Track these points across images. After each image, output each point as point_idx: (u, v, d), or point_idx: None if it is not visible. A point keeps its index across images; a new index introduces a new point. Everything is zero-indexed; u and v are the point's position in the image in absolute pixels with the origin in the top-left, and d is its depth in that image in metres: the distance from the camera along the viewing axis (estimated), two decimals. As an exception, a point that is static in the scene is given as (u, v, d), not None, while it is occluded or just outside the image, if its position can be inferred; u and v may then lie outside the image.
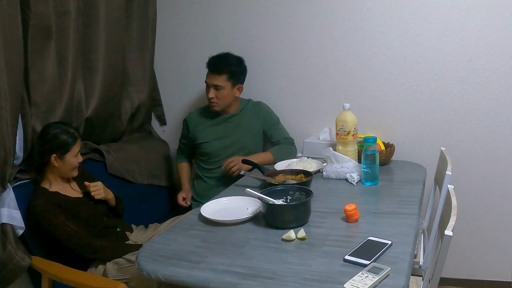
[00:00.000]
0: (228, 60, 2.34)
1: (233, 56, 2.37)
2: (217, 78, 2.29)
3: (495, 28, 2.15)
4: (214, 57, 2.36)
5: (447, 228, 1.33)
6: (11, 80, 1.71)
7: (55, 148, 1.86)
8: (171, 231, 1.62)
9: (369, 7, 2.33)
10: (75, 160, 1.93)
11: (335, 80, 2.46)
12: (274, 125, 2.47)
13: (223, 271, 1.28)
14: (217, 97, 2.31)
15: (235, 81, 2.34)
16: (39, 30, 1.88)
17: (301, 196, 1.65)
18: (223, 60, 2.33)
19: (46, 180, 1.92)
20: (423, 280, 1.74)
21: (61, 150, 1.87)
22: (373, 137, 1.94)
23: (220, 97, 2.31)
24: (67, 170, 1.93)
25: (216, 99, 2.32)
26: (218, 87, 2.29)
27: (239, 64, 2.38)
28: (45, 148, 1.87)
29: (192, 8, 2.66)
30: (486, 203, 2.33)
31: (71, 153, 1.90)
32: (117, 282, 1.70)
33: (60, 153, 1.87)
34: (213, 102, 2.33)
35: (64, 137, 1.88)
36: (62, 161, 1.89)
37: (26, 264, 1.79)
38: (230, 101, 2.37)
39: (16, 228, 1.79)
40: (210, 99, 2.33)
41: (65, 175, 1.95)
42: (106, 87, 2.27)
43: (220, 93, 2.31)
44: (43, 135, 1.89)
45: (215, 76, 2.30)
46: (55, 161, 1.87)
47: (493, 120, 2.24)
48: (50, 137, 1.87)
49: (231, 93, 2.34)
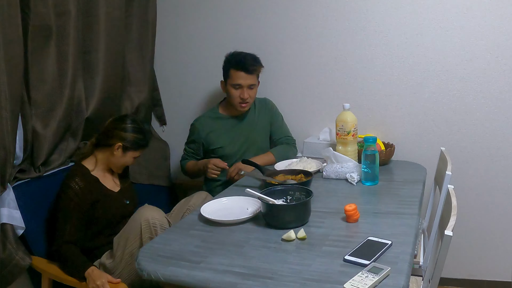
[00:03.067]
0: (256, 59, 2.35)
1: (254, 55, 2.36)
2: (252, 77, 2.29)
3: (495, 28, 2.15)
4: (244, 57, 2.30)
5: (447, 228, 1.33)
6: (11, 80, 1.71)
7: (124, 140, 1.90)
8: (171, 231, 1.62)
9: (369, 7, 2.33)
10: (132, 161, 1.98)
11: (335, 80, 2.46)
12: (278, 122, 2.49)
13: (223, 271, 1.28)
14: (250, 96, 2.31)
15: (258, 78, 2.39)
16: (39, 30, 1.88)
17: (301, 196, 1.65)
18: (253, 60, 2.32)
19: (92, 160, 1.95)
20: (423, 280, 1.74)
21: (127, 145, 1.91)
22: (373, 137, 1.94)
23: (252, 95, 2.34)
24: (118, 164, 1.97)
25: (250, 99, 2.32)
26: (252, 86, 2.30)
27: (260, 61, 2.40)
28: (117, 133, 1.90)
29: (192, 8, 2.67)
30: (486, 203, 2.33)
31: (134, 153, 1.95)
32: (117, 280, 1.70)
33: (125, 147, 1.91)
34: (247, 102, 2.32)
35: (138, 136, 1.93)
36: (122, 154, 1.93)
37: (26, 264, 1.79)
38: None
39: (16, 228, 1.79)
40: (244, 99, 2.29)
41: (112, 167, 1.98)
42: (106, 87, 2.27)
43: (253, 92, 2.33)
44: (121, 120, 1.94)
45: (250, 76, 2.28)
46: (116, 150, 1.90)
47: (493, 120, 2.24)
48: (126, 127, 1.92)
49: (257, 90, 2.39)
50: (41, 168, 1.96)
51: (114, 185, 2.01)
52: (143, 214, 1.79)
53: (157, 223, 1.78)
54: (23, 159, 1.91)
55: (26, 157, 1.93)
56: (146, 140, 1.98)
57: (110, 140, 1.91)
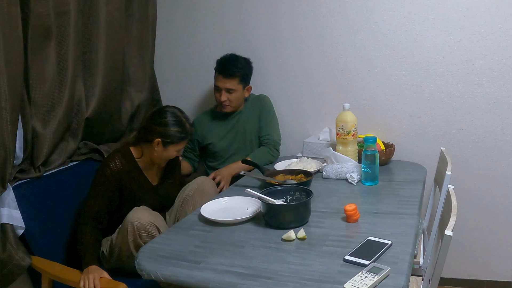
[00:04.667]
0: (239, 63, 2.36)
1: (241, 58, 2.39)
2: (230, 81, 2.32)
3: (495, 28, 2.15)
4: (225, 61, 2.36)
5: (447, 228, 1.33)
6: (11, 80, 1.70)
7: (163, 135, 1.88)
8: (171, 231, 1.63)
9: (369, 7, 2.33)
10: (175, 154, 1.95)
11: (335, 80, 2.46)
12: (266, 118, 2.46)
13: (223, 271, 1.28)
14: (229, 99, 2.35)
15: (245, 83, 2.40)
16: (39, 30, 1.88)
17: (301, 196, 1.65)
18: (234, 63, 2.35)
19: (138, 149, 1.96)
20: (423, 280, 1.74)
21: (167, 140, 1.89)
22: (373, 137, 1.94)
23: (232, 99, 2.35)
24: (161, 158, 1.95)
25: (229, 102, 2.35)
26: (230, 90, 2.33)
27: (249, 66, 2.42)
28: (155, 128, 1.89)
29: (192, 8, 2.67)
30: (486, 203, 2.33)
31: (175, 147, 1.92)
32: (117, 282, 1.70)
33: (165, 142, 1.89)
34: (226, 105, 2.36)
35: (177, 129, 1.90)
36: (163, 149, 1.91)
37: (26, 264, 1.79)
38: (240, 102, 2.43)
39: (16, 228, 1.79)
40: (222, 102, 2.35)
41: (156, 160, 1.96)
42: (106, 87, 2.27)
43: (233, 96, 2.35)
44: (159, 115, 1.91)
45: (227, 80, 2.32)
46: (156, 145, 1.89)
47: (493, 120, 2.24)
48: (165, 121, 1.89)
49: (242, 94, 2.39)
50: (41, 168, 1.96)
51: (155, 178, 2.02)
52: (130, 216, 1.79)
53: (141, 226, 1.75)
54: (23, 159, 1.91)
55: (26, 157, 1.93)
56: (186, 132, 1.94)
57: (150, 136, 1.90)
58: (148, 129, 1.92)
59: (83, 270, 1.70)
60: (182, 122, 1.93)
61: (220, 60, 2.39)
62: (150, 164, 1.99)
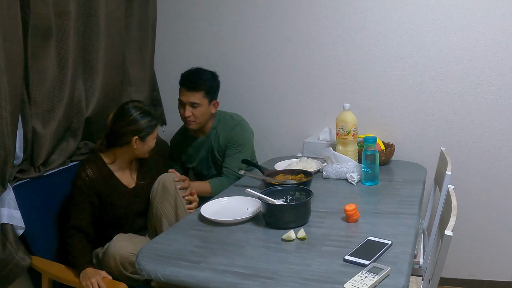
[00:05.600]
0: (204, 76, 2.25)
1: (207, 71, 2.29)
2: (194, 95, 2.20)
3: (495, 28, 2.15)
4: (189, 73, 2.27)
5: (447, 228, 1.33)
6: (11, 80, 1.70)
7: (139, 131, 1.87)
8: (171, 231, 1.63)
9: (369, 7, 2.33)
10: (153, 142, 1.96)
11: (335, 80, 2.46)
12: (231, 152, 2.31)
13: (223, 271, 1.28)
14: (194, 115, 2.22)
15: (211, 97, 2.26)
16: (39, 30, 1.88)
17: (301, 196, 1.65)
18: (199, 76, 2.24)
19: (110, 155, 1.94)
20: (423, 280, 1.74)
21: (143, 134, 1.89)
22: (373, 137, 1.94)
23: (197, 114, 2.23)
24: (143, 152, 1.95)
25: (194, 117, 2.23)
26: (195, 104, 2.20)
27: (214, 79, 2.30)
28: (126, 129, 1.87)
29: (192, 8, 2.67)
30: (486, 203, 2.33)
31: (152, 135, 1.93)
32: (117, 282, 1.70)
33: (142, 137, 1.89)
34: (190, 121, 2.24)
35: (147, 119, 1.90)
36: (142, 143, 1.91)
37: (26, 264, 1.79)
38: (207, 118, 2.29)
39: (16, 228, 1.79)
40: (186, 117, 2.23)
41: (139, 156, 1.97)
42: (106, 87, 2.27)
43: (198, 111, 2.22)
44: (123, 116, 1.88)
45: (191, 93, 2.20)
46: (135, 143, 1.88)
47: (493, 120, 2.24)
48: (133, 119, 1.87)
49: (208, 110, 2.26)
50: (41, 168, 1.96)
51: (130, 181, 1.99)
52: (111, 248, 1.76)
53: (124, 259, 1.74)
54: (23, 159, 1.91)
55: (26, 157, 1.93)
56: (155, 118, 1.95)
57: (124, 139, 1.89)
58: (118, 133, 1.89)
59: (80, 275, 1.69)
60: (147, 111, 1.92)
61: (184, 73, 2.28)
62: (123, 168, 1.97)
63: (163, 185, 1.94)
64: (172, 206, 1.92)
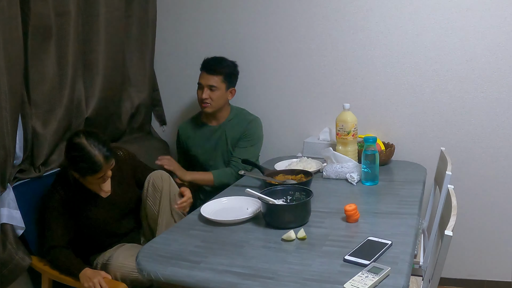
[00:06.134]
0: (224, 62, 2.34)
1: (228, 60, 2.37)
2: (213, 78, 2.28)
3: (495, 28, 2.15)
4: (210, 58, 2.35)
5: (447, 228, 1.33)
6: (11, 80, 1.71)
7: (75, 170, 1.75)
8: (171, 231, 1.62)
9: (369, 7, 2.33)
10: (100, 181, 1.80)
11: (335, 80, 2.46)
12: (244, 144, 2.35)
13: (223, 271, 1.28)
14: (211, 97, 2.28)
15: (229, 83, 2.33)
16: (39, 30, 1.88)
17: (301, 196, 1.65)
18: (220, 61, 2.33)
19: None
20: (423, 280, 1.74)
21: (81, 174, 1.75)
22: (373, 137, 1.94)
23: (214, 98, 2.29)
24: (92, 184, 1.84)
25: (210, 100, 2.29)
26: (213, 87, 2.28)
27: (234, 67, 2.38)
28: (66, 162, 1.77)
29: (192, 8, 2.66)
30: (486, 203, 2.33)
31: (93, 177, 1.75)
32: (117, 282, 1.70)
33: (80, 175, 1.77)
34: (207, 103, 2.29)
35: (85, 165, 1.71)
36: (83, 179, 1.80)
37: (26, 264, 1.79)
38: (222, 104, 2.34)
39: (16, 228, 1.79)
40: (203, 99, 2.29)
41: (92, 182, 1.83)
42: (106, 87, 2.27)
43: (215, 94, 2.28)
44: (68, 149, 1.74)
45: (211, 76, 2.28)
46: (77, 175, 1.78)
47: (493, 120, 2.24)
48: (70, 158, 1.73)
49: (224, 95, 2.33)
50: (41, 168, 1.96)
51: (106, 189, 1.91)
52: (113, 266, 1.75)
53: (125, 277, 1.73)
54: (23, 159, 1.91)
55: (26, 157, 1.93)
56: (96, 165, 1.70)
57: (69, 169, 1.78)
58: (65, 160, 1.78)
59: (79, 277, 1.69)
60: (89, 156, 1.70)
61: (206, 58, 2.36)
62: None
63: (152, 185, 1.93)
64: (166, 204, 1.90)
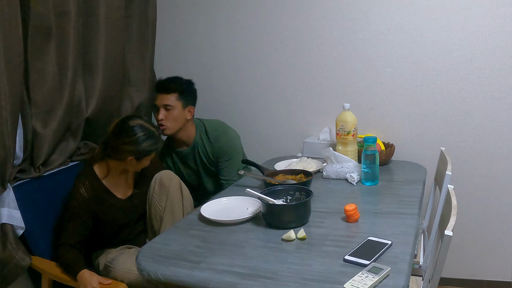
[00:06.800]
0: (178, 80, 2.27)
1: (182, 78, 2.30)
2: (168, 97, 2.20)
3: (495, 28, 2.15)
4: (163, 79, 2.29)
5: (447, 228, 1.33)
6: (11, 80, 1.71)
7: (136, 152, 1.79)
8: (171, 231, 1.62)
9: (369, 7, 2.33)
10: (148, 161, 1.88)
11: (335, 80, 2.46)
12: (224, 161, 2.30)
13: (223, 271, 1.28)
14: (166, 118, 2.20)
15: (185, 102, 2.24)
16: (39, 30, 1.88)
17: (301, 196, 1.65)
18: (173, 80, 2.26)
19: (104, 166, 1.87)
20: (423, 280, 1.74)
21: (140, 156, 1.81)
22: (373, 137, 1.94)
23: (170, 118, 2.20)
24: (136, 169, 1.89)
25: (166, 121, 2.20)
26: (168, 106, 2.19)
27: (189, 84, 2.30)
28: (126, 148, 1.78)
29: (192, 8, 2.67)
30: (486, 203, 2.33)
31: (149, 158, 1.85)
32: (118, 282, 1.70)
33: (138, 157, 1.81)
34: (163, 125, 2.20)
35: (150, 142, 1.80)
36: (137, 163, 1.84)
37: (26, 264, 1.79)
38: (181, 124, 2.25)
39: (16, 228, 1.79)
40: (159, 121, 2.20)
41: (130, 171, 1.91)
42: (106, 87, 2.27)
43: (170, 114, 2.20)
44: (126, 133, 1.78)
45: (165, 95, 2.20)
46: (129, 161, 1.81)
47: (493, 120, 2.24)
48: (135, 140, 1.77)
49: (182, 114, 2.23)
50: (41, 168, 1.96)
51: (126, 190, 1.94)
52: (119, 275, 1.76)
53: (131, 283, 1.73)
54: (23, 159, 1.91)
55: (26, 157, 1.93)
56: (158, 141, 1.86)
57: (120, 155, 1.81)
58: (116, 148, 1.80)
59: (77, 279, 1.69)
60: (152, 133, 1.82)
61: (158, 79, 2.31)
62: (118, 178, 1.91)
63: (160, 182, 1.92)
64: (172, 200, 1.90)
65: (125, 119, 1.85)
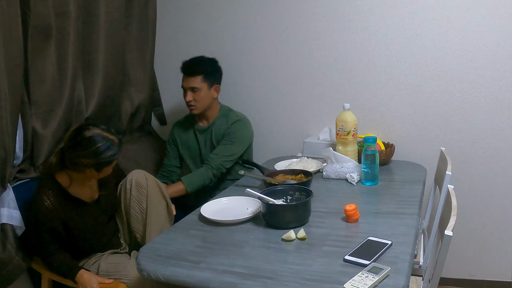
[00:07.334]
0: (202, 61, 2.33)
1: (206, 58, 2.37)
2: (193, 80, 2.27)
3: (495, 28, 2.15)
4: (188, 60, 2.34)
5: (447, 228, 1.33)
6: (11, 80, 1.71)
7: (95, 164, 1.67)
8: (171, 231, 1.62)
9: (369, 7, 2.33)
10: (111, 169, 1.76)
11: (335, 80, 2.46)
12: (224, 142, 2.32)
13: (223, 271, 1.28)
14: (195, 99, 2.28)
15: (211, 82, 2.31)
16: (39, 30, 1.88)
17: (301, 196, 1.65)
18: (196, 62, 2.32)
19: (64, 176, 1.75)
20: (423, 280, 1.74)
21: (101, 166, 1.69)
22: (373, 137, 1.94)
23: (198, 99, 2.28)
24: (99, 177, 1.80)
25: (194, 102, 2.28)
26: (195, 89, 2.27)
27: (213, 64, 2.37)
28: (84, 161, 1.66)
29: (192, 8, 2.66)
30: (486, 203, 2.33)
31: (112, 165, 1.74)
32: (117, 282, 1.70)
33: (99, 168, 1.69)
34: (192, 105, 2.30)
35: (110, 153, 1.67)
36: (98, 173, 1.73)
37: (26, 264, 1.79)
38: (208, 103, 2.33)
39: (16, 228, 1.79)
40: (187, 102, 2.29)
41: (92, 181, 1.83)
42: (106, 87, 2.27)
43: (198, 95, 2.28)
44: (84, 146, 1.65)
45: (190, 78, 2.28)
46: (90, 173, 1.71)
47: (493, 120, 2.24)
48: (94, 151, 1.64)
49: (208, 94, 2.31)
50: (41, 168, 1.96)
51: (92, 194, 1.85)
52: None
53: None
54: (23, 159, 1.91)
55: (26, 157, 1.93)
56: (118, 149, 1.70)
57: (79, 168, 1.68)
58: (73, 161, 1.67)
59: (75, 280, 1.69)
60: (111, 142, 1.68)
61: (184, 61, 2.35)
62: (82, 186, 1.80)
63: (136, 184, 1.84)
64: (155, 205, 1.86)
65: (80, 129, 1.68)
